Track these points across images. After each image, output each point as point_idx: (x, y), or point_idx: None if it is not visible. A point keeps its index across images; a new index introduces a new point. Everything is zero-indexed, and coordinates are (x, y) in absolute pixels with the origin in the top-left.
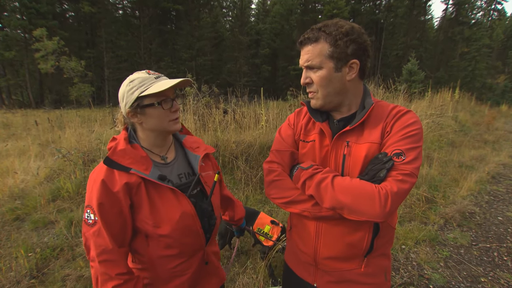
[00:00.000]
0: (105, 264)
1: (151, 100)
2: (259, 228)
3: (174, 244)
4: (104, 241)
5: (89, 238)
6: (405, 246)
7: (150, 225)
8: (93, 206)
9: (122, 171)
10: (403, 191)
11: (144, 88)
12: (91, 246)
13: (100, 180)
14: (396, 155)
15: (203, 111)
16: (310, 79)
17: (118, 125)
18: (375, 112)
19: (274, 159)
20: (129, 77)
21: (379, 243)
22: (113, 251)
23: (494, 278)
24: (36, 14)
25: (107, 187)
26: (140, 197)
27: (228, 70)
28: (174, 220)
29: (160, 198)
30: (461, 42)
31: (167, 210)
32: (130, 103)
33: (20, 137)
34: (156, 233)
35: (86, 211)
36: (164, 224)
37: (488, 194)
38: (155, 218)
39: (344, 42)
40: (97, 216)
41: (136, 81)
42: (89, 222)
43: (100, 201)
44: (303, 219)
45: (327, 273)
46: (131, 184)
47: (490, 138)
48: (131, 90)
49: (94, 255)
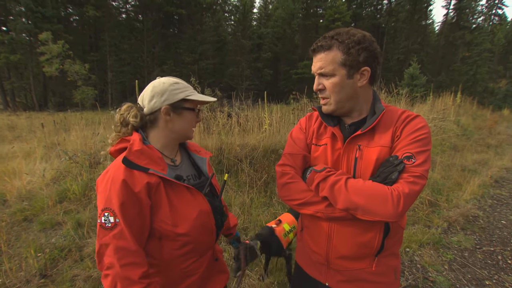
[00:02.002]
0: (128, 267)
1: (192, 105)
2: (284, 233)
3: (191, 242)
4: (127, 243)
5: (107, 243)
6: (409, 249)
7: (169, 225)
8: (114, 208)
9: (141, 171)
10: (414, 192)
11: (189, 94)
12: (108, 252)
13: (120, 180)
14: (407, 158)
15: (207, 114)
16: (322, 86)
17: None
18: (385, 117)
19: (286, 162)
20: (170, 79)
21: (389, 243)
22: (136, 253)
23: (499, 281)
24: (41, 18)
25: (128, 187)
26: (159, 197)
27: (230, 73)
28: (192, 217)
29: (178, 198)
30: (462, 47)
31: (185, 208)
32: (172, 101)
33: (25, 139)
34: (174, 232)
35: (103, 214)
36: (182, 223)
37: (491, 198)
38: (173, 217)
39: (356, 50)
40: (119, 217)
41: (181, 85)
42: (108, 225)
43: (122, 201)
44: (315, 220)
45: (339, 273)
46: (151, 184)
47: (493, 142)
48: (176, 90)
49: (113, 260)
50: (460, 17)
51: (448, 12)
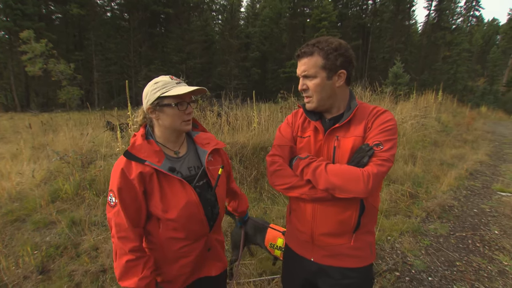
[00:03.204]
0: (122, 240)
1: (170, 101)
2: (271, 243)
3: (180, 228)
4: (122, 220)
5: (111, 217)
6: (391, 237)
7: (160, 210)
8: (114, 190)
9: (138, 162)
10: (381, 173)
11: (166, 90)
12: (112, 224)
13: (120, 169)
14: (376, 145)
15: (197, 114)
16: (306, 86)
17: (139, 117)
18: (359, 112)
19: (275, 152)
20: (155, 79)
21: (365, 221)
22: (128, 230)
23: (468, 262)
24: (21, 15)
25: (125, 174)
26: (152, 185)
27: (218, 73)
28: (180, 206)
29: (169, 187)
30: (443, 46)
31: (174, 197)
32: (151, 101)
33: (9, 140)
34: (164, 217)
35: (109, 194)
36: (171, 210)
37: (466, 189)
38: (164, 204)
39: (334, 56)
40: (117, 199)
41: (160, 83)
42: (112, 203)
43: (119, 186)
44: (300, 202)
45: (322, 248)
46: (144, 173)
47: (470, 138)
48: (154, 90)
49: (114, 232)
50: (440, 18)
51: (429, 13)
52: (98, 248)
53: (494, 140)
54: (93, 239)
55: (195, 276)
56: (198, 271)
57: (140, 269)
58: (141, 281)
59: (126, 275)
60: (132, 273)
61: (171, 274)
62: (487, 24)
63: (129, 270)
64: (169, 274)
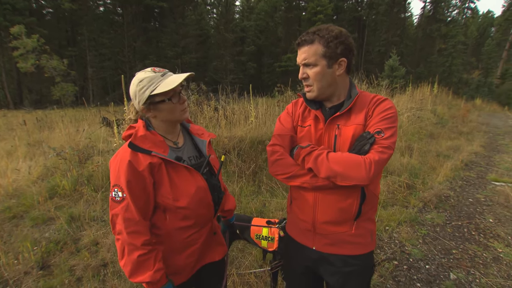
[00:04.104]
0: (132, 235)
1: (162, 97)
2: (257, 234)
3: (190, 215)
4: (132, 214)
5: (117, 214)
6: (389, 227)
7: (170, 199)
8: (121, 184)
9: (144, 153)
10: (383, 160)
11: (154, 87)
12: (119, 220)
13: (127, 161)
14: (377, 133)
15: (194, 108)
16: (306, 75)
17: (131, 114)
18: (360, 100)
19: (276, 142)
20: (137, 77)
21: (365, 208)
22: (139, 223)
23: (464, 250)
24: (11, 10)
25: (133, 166)
26: (161, 175)
27: (214, 67)
28: (191, 193)
29: (178, 176)
30: (439, 39)
31: (184, 185)
32: (143, 101)
33: (3, 138)
34: (175, 206)
35: (114, 190)
36: (182, 197)
37: (461, 180)
38: (174, 193)
39: (334, 44)
40: (126, 192)
41: (145, 81)
42: (117, 199)
43: (128, 179)
44: (302, 191)
45: (324, 236)
46: (153, 164)
47: (465, 130)
48: (142, 89)
49: (121, 228)
50: (436, 10)
51: (425, 5)
52: (98, 243)
53: (489, 132)
54: (92, 234)
55: (200, 263)
56: (203, 258)
57: (152, 262)
58: (156, 274)
59: (138, 270)
60: (145, 267)
61: (178, 265)
62: (482, 16)
63: (141, 264)
64: (176, 265)
